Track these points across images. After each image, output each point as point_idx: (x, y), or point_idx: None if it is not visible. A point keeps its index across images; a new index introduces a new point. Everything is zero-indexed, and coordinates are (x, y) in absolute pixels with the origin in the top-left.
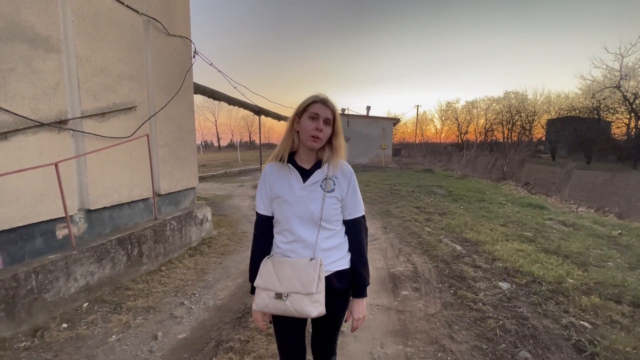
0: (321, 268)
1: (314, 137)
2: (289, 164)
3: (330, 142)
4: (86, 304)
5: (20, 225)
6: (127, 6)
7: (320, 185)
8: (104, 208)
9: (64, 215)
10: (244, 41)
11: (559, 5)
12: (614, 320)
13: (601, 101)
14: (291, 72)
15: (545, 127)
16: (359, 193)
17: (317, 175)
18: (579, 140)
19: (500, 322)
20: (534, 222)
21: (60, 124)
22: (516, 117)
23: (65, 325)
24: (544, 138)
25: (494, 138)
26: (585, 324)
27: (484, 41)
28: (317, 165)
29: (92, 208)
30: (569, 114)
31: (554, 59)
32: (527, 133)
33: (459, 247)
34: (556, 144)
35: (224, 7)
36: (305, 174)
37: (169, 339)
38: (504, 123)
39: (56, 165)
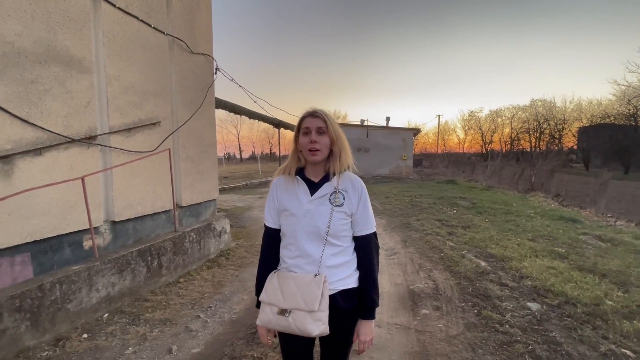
0: (325, 285)
1: (312, 151)
2: (297, 177)
3: (332, 150)
4: (106, 314)
5: (51, 236)
6: (153, 28)
7: (329, 199)
8: (128, 220)
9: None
10: (263, 56)
11: (587, 9)
12: None
13: (638, 107)
14: (310, 84)
15: (576, 135)
16: (370, 208)
17: (326, 189)
18: (614, 148)
19: (530, 347)
20: (567, 236)
21: (89, 140)
22: (544, 126)
23: (85, 335)
24: (575, 147)
25: (521, 147)
26: (628, 352)
27: (508, 49)
28: (326, 178)
29: (117, 220)
30: (602, 121)
31: (583, 64)
32: (557, 142)
33: (483, 263)
34: (589, 152)
35: (244, 22)
36: (314, 187)
37: (183, 353)
38: (531, 132)
39: (82, 179)
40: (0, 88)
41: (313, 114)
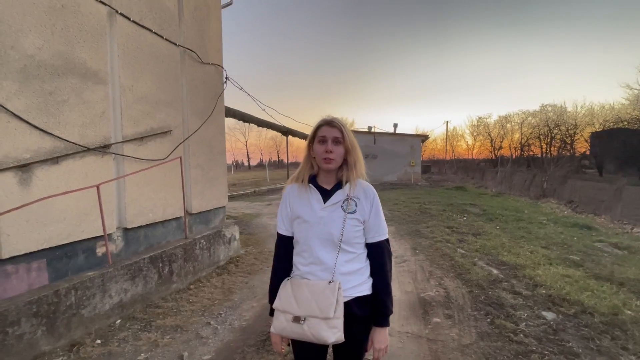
0: (340, 292)
1: (326, 160)
2: (310, 184)
3: (345, 160)
4: (119, 320)
5: (66, 242)
6: (166, 39)
7: (342, 206)
8: (140, 227)
9: (103, 234)
10: (271, 64)
11: (598, 13)
12: None
13: None
14: (318, 92)
15: (589, 140)
16: (382, 215)
17: (338, 196)
18: (629, 153)
19: (546, 357)
20: (581, 244)
21: (104, 149)
22: (555, 131)
23: (99, 341)
24: (588, 152)
25: (531, 153)
26: None
27: (517, 54)
28: (338, 185)
29: (129, 227)
30: (615, 126)
31: (594, 68)
32: (569, 147)
33: (495, 271)
34: (603, 158)
35: (253, 32)
36: (326, 194)
37: None
38: (541, 137)
39: (97, 187)
40: (21, 99)
41: (330, 123)
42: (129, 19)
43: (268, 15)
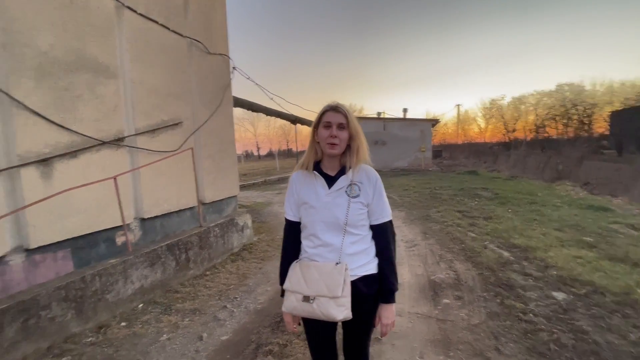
0: (347, 272)
1: (331, 144)
2: (315, 171)
3: (349, 145)
4: (141, 304)
5: (87, 232)
6: (172, 31)
7: (345, 191)
8: (156, 217)
9: (122, 224)
10: (279, 52)
11: None
12: None
13: None
14: (326, 79)
15: (608, 120)
16: (385, 198)
17: (342, 182)
18: None
19: (555, 335)
20: (596, 226)
21: (118, 142)
22: (572, 111)
23: (124, 323)
24: (607, 132)
25: (546, 135)
26: None
27: (530, 32)
28: (342, 171)
29: (146, 217)
30: (637, 104)
31: (613, 44)
32: (586, 128)
33: (506, 254)
34: (622, 138)
35: (258, 20)
36: (331, 181)
37: (213, 340)
38: (557, 118)
39: (115, 179)
40: (38, 96)
41: (335, 109)
42: (135, 11)
43: (274, 3)
